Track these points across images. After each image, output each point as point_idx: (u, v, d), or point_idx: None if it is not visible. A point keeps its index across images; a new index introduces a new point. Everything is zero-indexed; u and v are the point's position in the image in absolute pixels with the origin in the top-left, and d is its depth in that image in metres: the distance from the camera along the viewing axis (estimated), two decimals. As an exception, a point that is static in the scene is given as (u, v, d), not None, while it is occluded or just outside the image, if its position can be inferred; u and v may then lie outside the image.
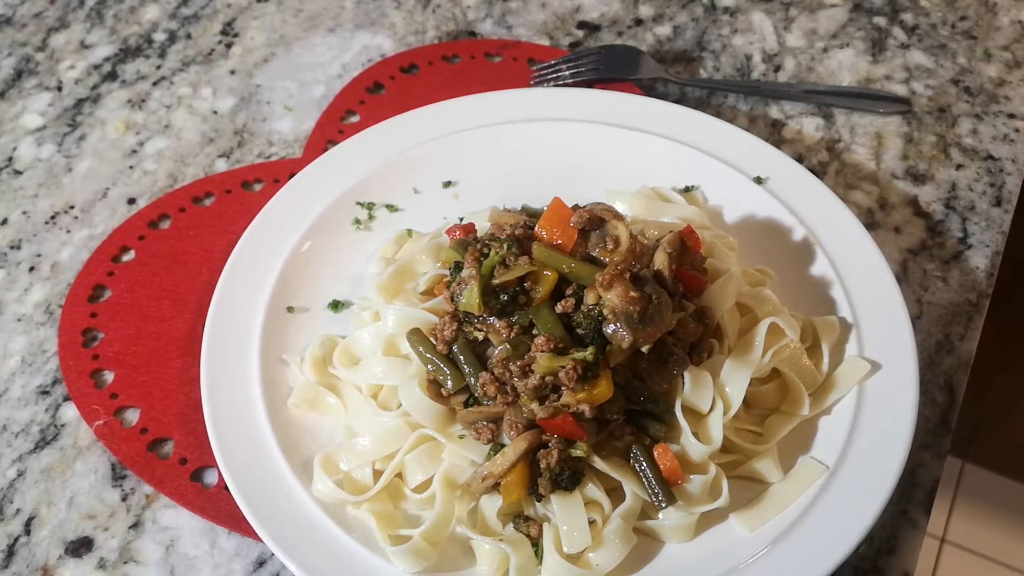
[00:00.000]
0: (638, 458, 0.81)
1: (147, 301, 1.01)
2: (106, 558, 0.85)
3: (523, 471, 0.80)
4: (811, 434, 0.87)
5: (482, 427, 0.83)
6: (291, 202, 1.02)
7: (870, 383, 0.88)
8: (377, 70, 1.23)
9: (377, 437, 0.86)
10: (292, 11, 1.32)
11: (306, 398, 0.90)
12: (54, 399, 0.95)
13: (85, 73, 1.25)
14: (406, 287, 0.94)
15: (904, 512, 0.86)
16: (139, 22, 1.32)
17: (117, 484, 0.90)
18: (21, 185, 1.13)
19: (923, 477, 0.88)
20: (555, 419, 0.79)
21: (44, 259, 1.06)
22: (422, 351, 0.86)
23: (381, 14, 1.31)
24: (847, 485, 0.82)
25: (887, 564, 0.84)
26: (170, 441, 0.91)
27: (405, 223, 1.04)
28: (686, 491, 0.81)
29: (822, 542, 0.79)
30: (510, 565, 0.78)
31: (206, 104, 1.21)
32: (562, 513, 0.79)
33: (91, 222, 1.09)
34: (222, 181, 1.11)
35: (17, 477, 0.90)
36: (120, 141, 1.17)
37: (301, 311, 0.97)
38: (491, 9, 1.31)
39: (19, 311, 1.02)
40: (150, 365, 0.96)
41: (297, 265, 0.99)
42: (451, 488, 0.83)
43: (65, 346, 0.97)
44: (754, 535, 0.81)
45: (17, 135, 1.18)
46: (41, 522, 0.88)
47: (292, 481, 0.84)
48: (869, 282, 0.94)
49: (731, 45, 1.27)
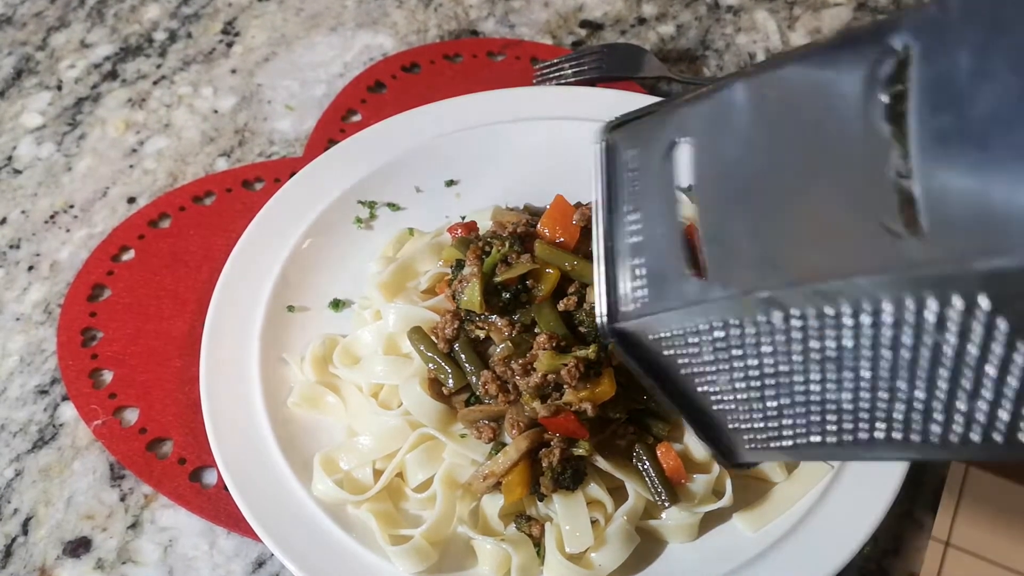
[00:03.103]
0: (641, 457, 0.80)
1: (147, 300, 1.00)
2: (104, 558, 0.85)
3: (525, 470, 0.79)
4: (816, 434, 0.87)
5: (483, 426, 0.82)
6: (292, 201, 1.01)
7: (875, 382, 0.87)
8: (379, 69, 1.22)
9: (378, 436, 0.85)
10: (293, 10, 1.32)
11: (306, 397, 0.89)
12: (52, 399, 0.95)
13: (85, 72, 1.25)
14: (407, 286, 0.94)
15: (909, 512, 0.86)
16: (140, 21, 1.31)
17: (116, 484, 0.89)
18: (20, 184, 1.13)
19: (928, 477, 0.87)
20: (557, 418, 0.78)
21: (43, 258, 1.06)
22: (423, 350, 0.85)
23: (383, 13, 1.31)
24: (852, 485, 0.81)
25: (892, 565, 0.83)
26: (169, 441, 0.91)
27: (407, 222, 1.03)
28: (689, 490, 0.81)
29: (826, 542, 0.78)
30: (512, 565, 0.78)
31: (207, 103, 1.21)
32: (564, 513, 0.79)
33: (91, 221, 1.09)
34: (222, 180, 1.11)
35: (15, 477, 0.90)
36: (120, 140, 1.17)
37: (301, 310, 0.96)
38: (493, 8, 1.31)
39: (18, 310, 1.01)
40: (149, 365, 0.95)
41: (298, 264, 0.98)
42: (452, 487, 0.82)
43: (64, 345, 0.97)
44: (758, 535, 0.80)
45: (17, 134, 1.18)
46: (39, 522, 0.87)
47: (292, 481, 0.83)
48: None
49: (735, 44, 1.27)
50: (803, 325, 0.45)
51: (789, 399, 0.50)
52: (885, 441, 0.46)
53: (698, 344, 0.52)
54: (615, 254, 0.56)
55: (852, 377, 0.45)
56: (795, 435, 0.52)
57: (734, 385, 0.52)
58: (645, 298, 0.54)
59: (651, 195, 0.55)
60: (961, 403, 0.42)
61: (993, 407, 0.41)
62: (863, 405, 0.46)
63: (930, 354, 0.42)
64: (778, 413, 0.51)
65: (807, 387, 0.48)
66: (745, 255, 0.46)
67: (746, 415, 0.53)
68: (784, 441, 0.52)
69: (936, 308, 0.40)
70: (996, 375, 0.40)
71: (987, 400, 0.41)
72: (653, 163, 0.55)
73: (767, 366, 0.49)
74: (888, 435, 0.46)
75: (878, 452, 0.47)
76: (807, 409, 0.49)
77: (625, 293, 0.55)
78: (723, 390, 0.54)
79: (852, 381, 0.46)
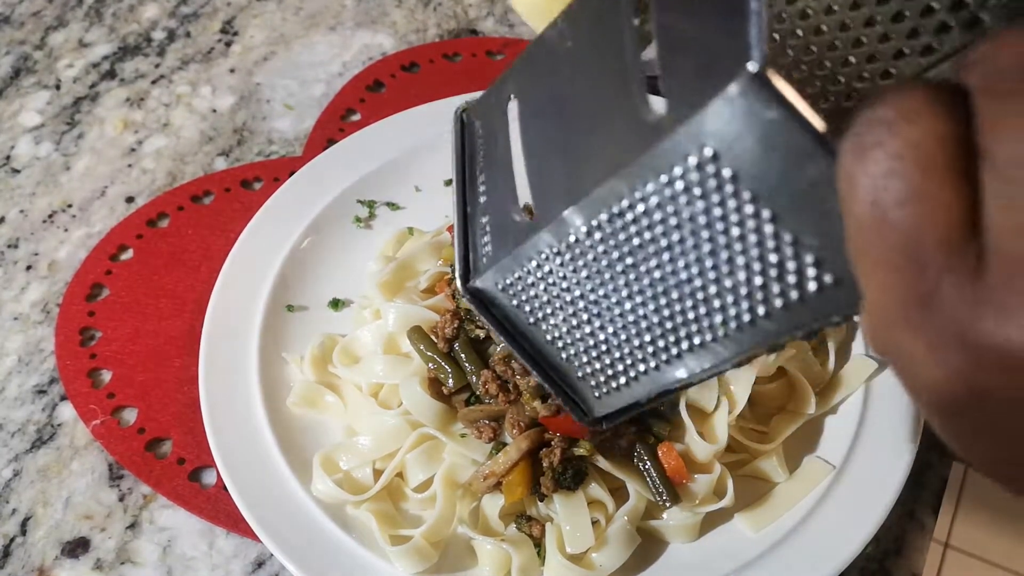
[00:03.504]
0: (642, 457, 0.80)
1: (145, 300, 1.00)
2: (103, 559, 0.84)
3: (525, 470, 0.79)
4: (817, 433, 0.86)
5: (483, 426, 0.82)
6: (291, 200, 1.01)
7: (877, 382, 0.87)
8: (378, 68, 1.22)
9: (377, 436, 0.85)
10: (292, 9, 1.32)
11: (305, 397, 0.89)
12: (51, 398, 0.94)
13: (84, 71, 1.24)
14: (407, 285, 0.93)
15: (911, 513, 0.85)
16: (138, 21, 1.31)
17: (114, 484, 0.89)
18: (19, 183, 1.12)
19: (930, 477, 0.87)
20: (557, 417, 0.78)
21: (41, 258, 1.05)
22: (423, 349, 0.85)
23: (382, 12, 1.31)
24: (853, 485, 0.81)
25: (894, 565, 0.83)
26: (168, 441, 0.90)
27: (406, 221, 1.03)
28: (691, 490, 0.80)
29: (828, 542, 0.78)
30: (512, 565, 0.78)
31: (205, 102, 1.20)
32: (565, 513, 0.78)
33: (89, 221, 1.08)
34: (221, 179, 1.10)
35: (13, 477, 0.89)
36: (119, 139, 1.17)
37: (301, 309, 0.96)
38: (492, 7, 1.31)
39: (16, 310, 1.01)
40: (148, 364, 0.95)
41: (297, 263, 0.98)
42: (452, 487, 0.82)
43: (62, 345, 0.97)
44: (759, 535, 0.80)
45: (15, 133, 1.18)
46: (37, 522, 0.87)
47: (291, 481, 0.83)
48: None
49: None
50: (601, 236, 0.48)
51: (611, 326, 0.52)
52: (700, 347, 0.48)
53: (534, 285, 0.54)
54: (470, 219, 0.59)
55: (648, 283, 0.48)
56: (624, 369, 0.53)
57: (569, 325, 0.54)
58: (491, 251, 0.56)
59: (495, 155, 0.58)
60: (729, 278, 0.44)
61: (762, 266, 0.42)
62: (665, 313, 0.48)
63: (691, 232, 0.43)
64: (607, 347, 0.53)
65: (620, 308, 0.50)
66: (559, 187, 0.49)
67: (585, 357, 0.55)
68: (619, 379, 0.54)
69: (680, 172, 0.42)
70: (739, 233, 0.42)
71: (753, 261, 0.42)
72: (495, 125, 0.58)
73: (588, 293, 0.52)
74: (703, 340, 0.48)
75: (698, 362, 0.49)
76: (627, 335, 0.51)
77: (477, 252, 0.58)
78: (562, 334, 0.55)
79: (650, 287, 0.48)
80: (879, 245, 0.30)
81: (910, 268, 0.29)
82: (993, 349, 0.28)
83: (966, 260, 0.28)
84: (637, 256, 0.47)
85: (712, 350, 0.48)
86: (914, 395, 0.32)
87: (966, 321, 0.28)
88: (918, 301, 0.29)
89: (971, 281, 0.28)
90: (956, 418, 0.31)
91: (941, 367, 0.29)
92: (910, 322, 0.30)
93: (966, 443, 0.32)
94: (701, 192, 0.41)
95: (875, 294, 0.31)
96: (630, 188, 0.44)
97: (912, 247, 0.29)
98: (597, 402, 0.57)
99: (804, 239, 0.40)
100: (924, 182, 0.29)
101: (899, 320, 0.30)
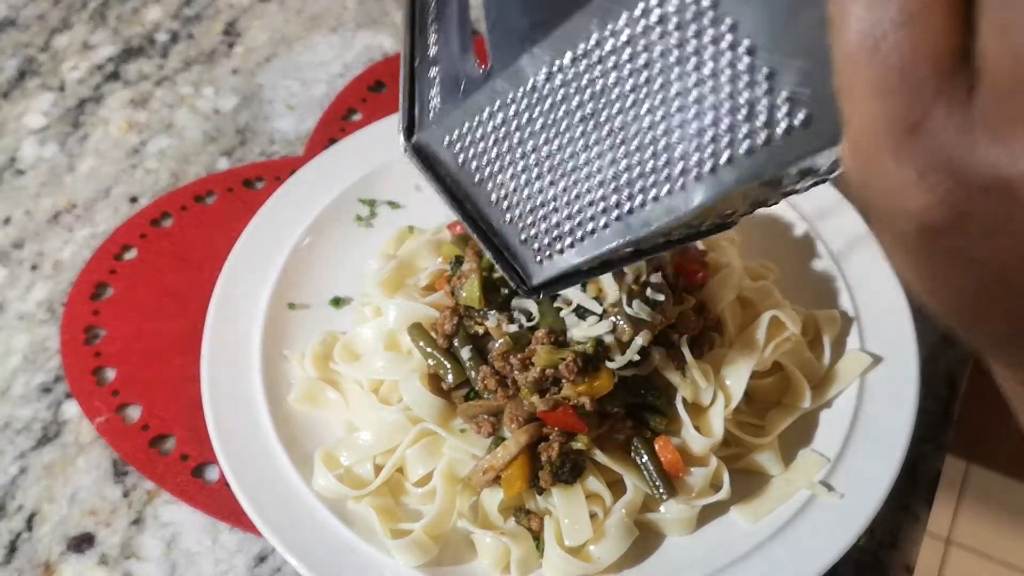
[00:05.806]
0: (639, 451, 0.81)
1: (149, 299, 1.01)
2: (107, 554, 0.85)
3: (524, 464, 0.79)
4: (812, 427, 0.87)
5: (483, 421, 0.82)
6: (292, 199, 1.02)
7: (871, 376, 0.87)
8: (379, 69, 1.23)
9: (378, 432, 0.86)
10: (294, 11, 1.33)
11: (307, 394, 0.90)
12: (56, 396, 0.95)
13: (88, 73, 1.26)
14: (407, 282, 0.94)
15: (906, 506, 0.86)
16: (142, 23, 1.32)
17: (119, 480, 0.90)
18: (24, 184, 1.13)
19: (924, 470, 0.88)
20: (556, 412, 0.79)
21: (46, 257, 1.06)
22: (423, 345, 0.86)
23: (383, 13, 1.32)
24: (848, 477, 0.82)
25: (888, 557, 0.84)
26: (171, 437, 0.91)
27: (407, 220, 1.04)
28: (687, 484, 0.81)
29: (823, 534, 0.78)
30: (511, 558, 0.78)
31: (208, 103, 1.22)
32: (563, 506, 0.79)
33: (93, 221, 1.09)
34: (224, 179, 1.12)
35: (19, 474, 0.91)
36: (122, 140, 1.18)
37: (302, 307, 0.97)
38: (492, 8, 1.31)
39: (21, 309, 1.02)
40: (152, 362, 0.96)
41: (298, 262, 0.99)
42: (452, 482, 0.83)
43: (67, 344, 0.98)
44: (755, 527, 0.81)
45: (20, 135, 1.19)
46: (43, 518, 0.88)
47: (293, 476, 0.84)
48: (871, 275, 0.94)
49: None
50: (562, 80, 0.46)
51: (562, 181, 0.49)
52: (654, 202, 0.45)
53: (483, 139, 0.52)
54: (417, 71, 0.56)
55: (607, 132, 0.45)
56: (571, 230, 0.51)
57: (516, 182, 0.52)
58: (439, 104, 0.54)
59: (450, 5, 0.55)
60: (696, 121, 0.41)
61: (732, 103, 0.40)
62: (622, 165, 0.46)
63: (659, 70, 0.41)
64: (555, 205, 0.51)
65: (574, 161, 0.48)
66: (519, 28, 0.47)
67: (530, 218, 0.53)
68: (564, 239, 0.52)
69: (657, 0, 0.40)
70: (711, 68, 0.39)
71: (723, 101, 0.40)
72: None
73: (540, 146, 0.49)
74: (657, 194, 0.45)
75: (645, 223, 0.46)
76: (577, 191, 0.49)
77: (424, 107, 0.56)
78: (508, 193, 0.53)
79: (607, 136, 0.45)
80: (870, 70, 0.29)
81: (902, 93, 0.29)
82: (981, 173, 0.28)
83: (958, 85, 0.28)
84: (598, 102, 0.45)
85: (665, 206, 0.45)
86: (889, 226, 0.32)
87: (957, 146, 0.28)
88: (909, 127, 0.29)
89: (962, 106, 0.28)
90: (931, 248, 0.31)
91: (928, 193, 0.29)
92: (900, 148, 0.29)
93: (930, 276, 0.32)
94: (677, 22, 0.39)
95: (863, 121, 0.30)
96: (600, 22, 0.42)
97: (905, 72, 0.29)
98: (538, 268, 0.54)
99: (780, 73, 0.38)
100: (918, 5, 0.28)
101: (888, 147, 0.30)
